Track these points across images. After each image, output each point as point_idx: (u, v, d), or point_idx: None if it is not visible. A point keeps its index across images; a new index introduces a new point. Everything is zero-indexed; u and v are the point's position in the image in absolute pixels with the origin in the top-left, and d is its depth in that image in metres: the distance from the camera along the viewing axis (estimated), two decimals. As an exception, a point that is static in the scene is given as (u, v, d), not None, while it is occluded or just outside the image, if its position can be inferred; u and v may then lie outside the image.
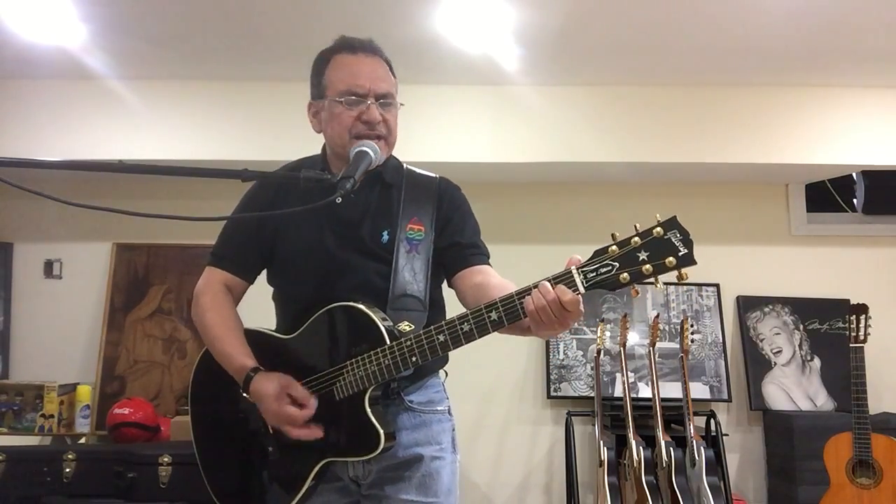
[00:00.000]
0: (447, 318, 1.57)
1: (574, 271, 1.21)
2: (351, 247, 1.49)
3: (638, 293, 1.22)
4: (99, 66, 2.99)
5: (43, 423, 3.09)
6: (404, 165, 1.63)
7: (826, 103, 3.24)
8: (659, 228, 1.17)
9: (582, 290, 1.20)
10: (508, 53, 2.88)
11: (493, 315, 1.25)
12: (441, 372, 1.60)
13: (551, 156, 3.20)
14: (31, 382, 3.16)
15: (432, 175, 1.63)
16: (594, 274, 1.20)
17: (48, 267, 3.57)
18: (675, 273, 1.18)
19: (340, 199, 1.42)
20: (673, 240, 1.17)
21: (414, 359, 1.31)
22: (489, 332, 1.27)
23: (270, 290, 1.65)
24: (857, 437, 2.78)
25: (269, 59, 2.97)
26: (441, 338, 1.29)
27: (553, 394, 3.46)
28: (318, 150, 1.65)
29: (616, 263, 1.19)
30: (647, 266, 1.17)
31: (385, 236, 1.50)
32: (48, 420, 3.09)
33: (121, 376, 3.37)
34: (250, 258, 1.59)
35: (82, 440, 3.17)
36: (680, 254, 1.16)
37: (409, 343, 1.31)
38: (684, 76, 3.16)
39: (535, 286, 1.22)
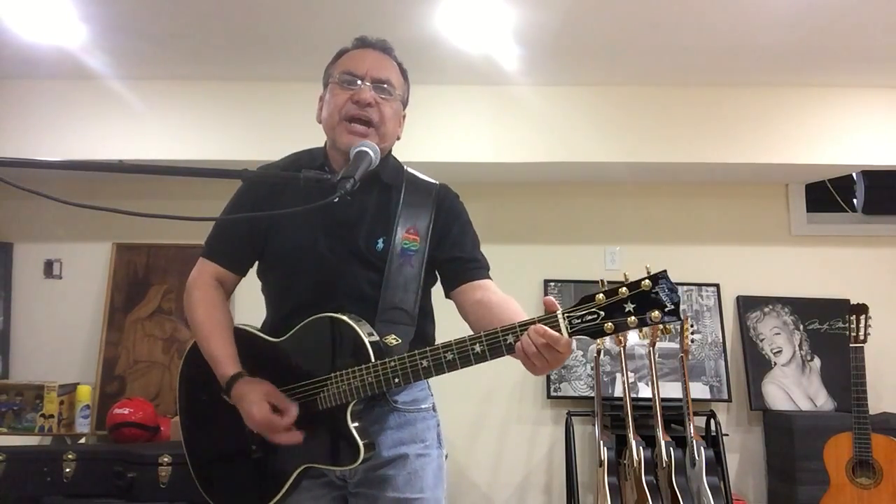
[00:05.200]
0: (435, 326, 1.58)
1: (560, 316, 1.20)
2: (344, 251, 1.47)
3: (622, 342, 1.23)
4: (99, 66, 2.99)
5: (43, 423, 3.09)
6: (405, 168, 1.61)
7: (826, 103, 3.25)
8: (647, 281, 1.16)
9: (565, 335, 1.19)
10: (508, 53, 2.88)
11: (477, 348, 1.25)
12: None
13: (551, 156, 3.20)
14: (31, 382, 3.16)
15: (433, 181, 1.60)
16: (579, 321, 1.19)
17: (48, 267, 3.57)
18: (660, 327, 1.20)
19: (337, 199, 1.42)
20: (661, 294, 1.15)
21: (397, 380, 1.32)
22: (472, 364, 1.27)
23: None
24: (857, 437, 2.78)
25: (269, 59, 2.97)
26: (424, 363, 1.30)
27: (553, 394, 3.46)
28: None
29: (602, 312, 1.18)
30: (632, 318, 1.16)
31: (380, 244, 1.48)
32: (48, 420, 3.09)
33: (121, 376, 3.38)
34: (243, 252, 1.58)
35: (82, 440, 3.17)
36: (666, 309, 1.15)
37: (392, 364, 1.32)
38: (684, 76, 3.16)
39: (522, 326, 1.22)
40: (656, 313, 1.15)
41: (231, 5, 2.51)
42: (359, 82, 1.48)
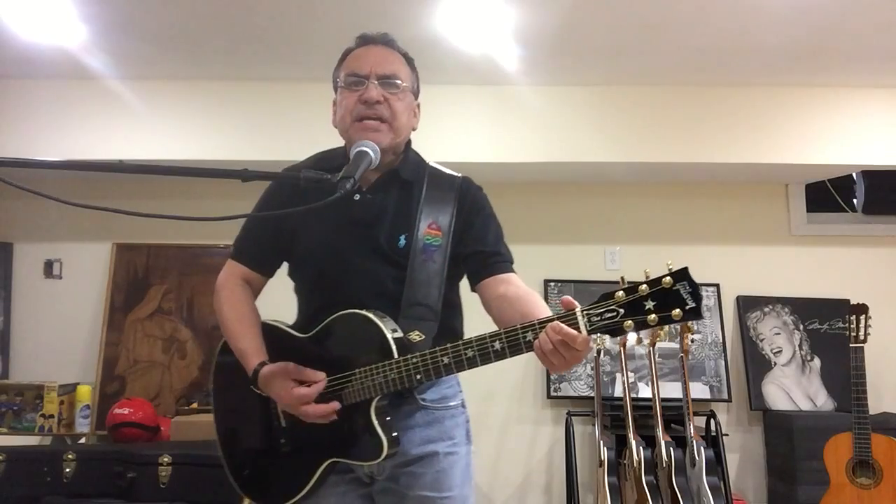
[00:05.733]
0: (463, 319, 1.59)
1: (578, 313, 1.18)
2: (366, 250, 1.48)
3: (642, 341, 1.21)
4: (99, 66, 2.99)
5: (43, 423, 3.09)
6: (429, 162, 1.61)
7: (826, 103, 3.25)
8: (668, 278, 1.13)
9: (584, 333, 1.17)
10: (508, 53, 2.88)
11: (497, 345, 1.25)
12: None
13: (551, 156, 3.20)
14: (31, 382, 3.16)
15: (455, 174, 1.60)
16: (598, 318, 1.17)
17: (48, 267, 3.57)
18: (681, 325, 1.16)
19: (358, 197, 1.46)
20: (682, 291, 1.12)
21: (419, 377, 1.32)
22: (492, 361, 1.27)
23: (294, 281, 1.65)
24: (857, 437, 2.78)
25: (269, 59, 2.97)
26: (445, 360, 1.30)
27: (553, 394, 3.46)
28: (318, 149, 1.64)
29: (621, 310, 1.15)
30: (653, 316, 1.13)
31: (402, 241, 1.48)
32: (48, 420, 3.09)
33: (121, 376, 3.38)
34: (268, 255, 1.61)
35: (82, 440, 3.17)
36: (687, 307, 1.11)
37: (415, 361, 1.33)
38: (684, 76, 3.16)
39: (542, 323, 1.20)
40: (677, 311, 1.11)
41: (231, 5, 2.52)
42: (365, 82, 1.49)
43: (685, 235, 3.66)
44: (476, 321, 1.54)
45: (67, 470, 2.66)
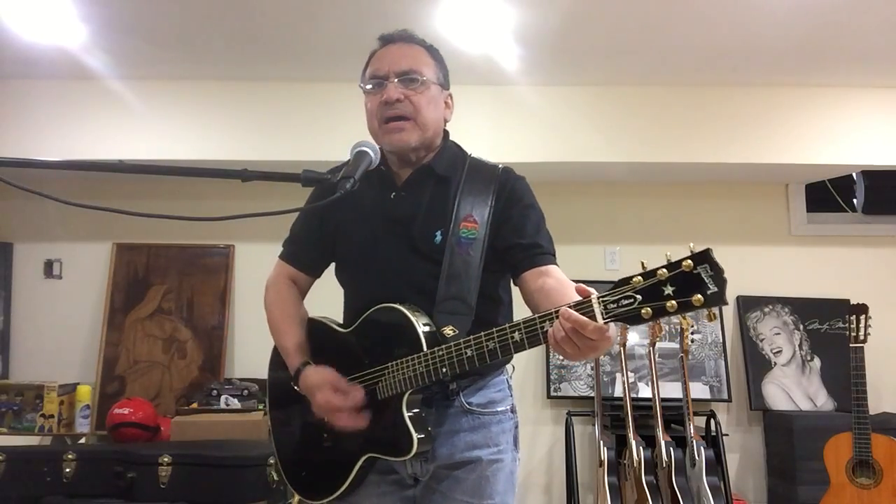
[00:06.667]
0: (511, 314, 1.58)
1: (594, 301, 1.12)
2: (403, 247, 1.49)
3: (663, 330, 1.14)
4: (99, 66, 2.99)
5: (43, 423, 3.09)
6: (469, 154, 1.60)
7: (826, 103, 3.25)
8: (688, 261, 1.05)
9: (600, 321, 1.10)
10: (508, 53, 2.88)
11: (517, 336, 1.22)
12: (508, 367, 1.59)
13: (551, 156, 3.20)
14: (31, 382, 3.17)
15: (496, 165, 1.60)
16: (615, 305, 1.10)
17: (48, 267, 3.57)
18: (704, 312, 1.06)
19: (394, 195, 1.50)
20: (703, 275, 1.04)
21: (444, 370, 1.31)
22: (512, 353, 1.24)
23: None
24: (857, 437, 2.78)
25: (269, 59, 2.97)
26: (468, 353, 1.28)
27: (553, 394, 3.46)
28: (319, 150, 1.65)
29: (639, 296, 1.08)
30: (672, 302, 1.05)
31: (438, 237, 1.47)
32: (48, 420, 3.09)
33: (121, 376, 3.38)
34: (313, 255, 1.64)
35: (82, 440, 3.17)
36: (709, 292, 1.03)
37: (440, 354, 1.31)
38: (684, 76, 3.16)
39: (557, 312, 1.15)
40: (698, 297, 1.03)
41: (231, 6, 2.52)
42: (384, 82, 1.49)
43: (685, 235, 3.66)
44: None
45: (67, 470, 2.66)
